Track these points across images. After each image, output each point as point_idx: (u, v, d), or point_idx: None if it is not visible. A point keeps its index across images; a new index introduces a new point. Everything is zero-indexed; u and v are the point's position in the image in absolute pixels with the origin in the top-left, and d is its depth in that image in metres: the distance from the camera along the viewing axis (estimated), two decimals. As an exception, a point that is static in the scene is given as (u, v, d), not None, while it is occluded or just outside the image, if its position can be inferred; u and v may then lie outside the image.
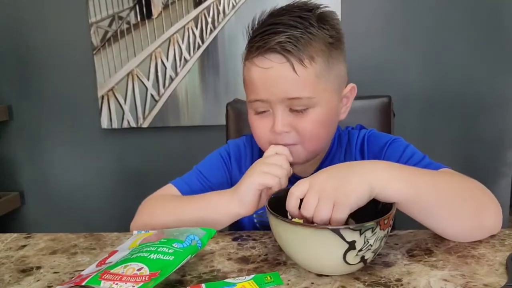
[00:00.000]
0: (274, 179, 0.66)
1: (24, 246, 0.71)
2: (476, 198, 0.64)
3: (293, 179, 0.81)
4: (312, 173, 0.81)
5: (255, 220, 0.83)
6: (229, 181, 0.86)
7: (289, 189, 0.65)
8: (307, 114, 0.72)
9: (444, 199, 0.61)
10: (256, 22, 0.75)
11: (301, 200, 0.58)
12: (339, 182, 0.56)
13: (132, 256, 0.56)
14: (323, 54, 0.71)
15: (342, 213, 0.55)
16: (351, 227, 0.51)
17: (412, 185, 0.59)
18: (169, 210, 0.75)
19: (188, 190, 0.81)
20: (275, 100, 0.71)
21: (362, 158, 0.81)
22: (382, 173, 0.58)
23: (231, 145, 0.90)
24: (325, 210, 0.55)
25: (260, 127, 0.75)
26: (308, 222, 0.57)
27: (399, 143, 0.79)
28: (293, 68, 0.68)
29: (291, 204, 0.58)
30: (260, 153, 0.86)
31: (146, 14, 1.72)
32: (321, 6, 0.74)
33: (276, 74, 0.69)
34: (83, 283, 0.52)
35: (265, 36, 0.69)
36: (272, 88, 0.70)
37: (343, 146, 0.84)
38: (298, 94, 0.70)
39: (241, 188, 0.67)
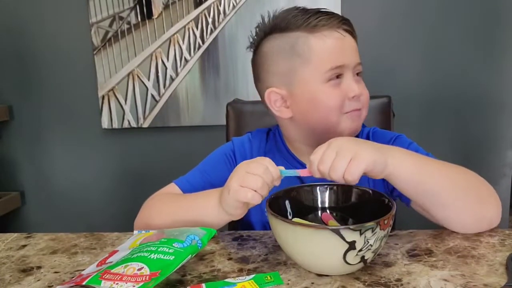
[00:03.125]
0: (254, 198, 0.61)
1: (24, 246, 0.72)
2: (479, 190, 0.68)
3: (303, 168, 0.83)
4: None
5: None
6: None
7: (289, 189, 0.66)
8: (362, 81, 0.80)
9: (450, 187, 0.65)
10: (282, 14, 0.79)
11: None
12: (359, 143, 0.62)
13: (133, 256, 0.56)
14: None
15: (358, 167, 0.58)
16: (351, 227, 0.51)
17: (423, 171, 0.65)
18: (165, 211, 0.75)
19: (191, 190, 0.81)
20: (350, 64, 0.77)
21: None
22: (399, 154, 0.64)
23: (235, 143, 0.89)
24: (341, 164, 0.58)
25: (335, 98, 0.77)
26: (324, 178, 0.60)
27: (403, 139, 0.84)
28: (356, 40, 0.80)
29: (313, 170, 0.61)
30: (265, 148, 0.87)
31: (147, 14, 1.72)
32: None
33: (350, 42, 0.78)
34: (84, 283, 0.53)
35: (325, 15, 0.77)
36: (349, 53, 0.78)
37: None
38: (360, 60, 0.79)
39: (224, 200, 0.65)
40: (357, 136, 0.85)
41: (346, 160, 0.58)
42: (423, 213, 0.72)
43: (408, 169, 0.64)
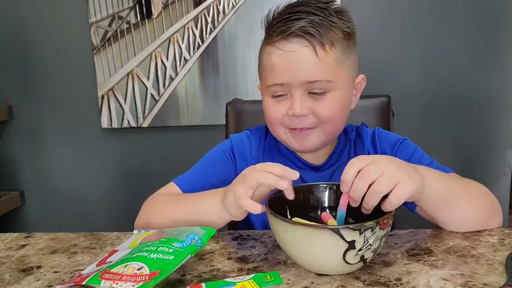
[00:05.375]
0: (256, 209, 0.61)
1: (24, 245, 0.71)
2: (491, 205, 0.71)
3: (305, 166, 0.83)
4: (324, 163, 0.83)
5: None
6: (234, 177, 0.85)
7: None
8: (325, 98, 0.74)
9: (468, 204, 0.68)
10: (273, 14, 0.77)
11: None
12: (403, 167, 0.59)
13: (132, 256, 0.56)
14: (342, 41, 0.74)
15: (406, 192, 0.56)
16: (350, 226, 0.51)
17: (447, 191, 0.66)
18: (165, 210, 0.75)
19: (190, 189, 0.81)
20: (295, 83, 0.72)
21: (375, 152, 0.84)
22: (431, 178, 0.63)
23: (233, 140, 0.89)
24: (387, 184, 0.55)
25: (276, 110, 0.76)
26: (357, 196, 0.57)
27: (408, 144, 0.84)
28: (315, 51, 0.71)
29: (349, 174, 0.57)
30: (264, 145, 0.87)
31: (146, 13, 1.72)
32: (335, 1, 0.77)
33: (298, 57, 0.71)
34: (83, 283, 0.53)
35: (288, 21, 0.71)
36: (293, 71, 0.72)
37: (352, 140, 0.86)
38: (318, 77, 0.72)
39: (227, 201, 0.66)
40: (361, 137, 0.86)
41: (393, 182, 0.56)
42: (428, 218, 0.72)
43: (437, 192, 0.64)
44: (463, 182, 0.71)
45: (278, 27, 0.72)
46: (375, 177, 0.56)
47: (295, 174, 0.61)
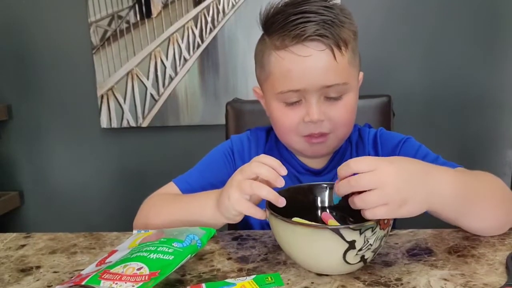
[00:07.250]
0: (250, 210, 0.60)
1: (23, 245, 0.71)
2: (509, 201, 0.66)
3: (305, 171, 0.82)
4: (324, 167, 0.81)
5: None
6: None
7: (288, 188, 0.65)
8: (341, 101, 0.72)
9: (483, 203, 0.63)
10: (270, 13, 0.74)
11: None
12: (407, 186, 0.54)
13: (132, 256, 0.56)
14: (351, 41, 0.72)
15: (387, 215, 0.53)
16: (351, 226, 0.51)
17: (462, 193, 0.60)
18: (163, 211, 0.75)
19: (189, 189, 0.80)
20: (311, 89, 0.70)
21: (376, 155, 0.83)
22: (446, 188, 0.58)
23: (234, 141, 0.88)
24: (372, 202, 0.53)
25: (290, 118, 0.73)
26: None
27: (412, 142, 0.82)
28: (333, 54, 0.69)
29: (341, 173, 0.55)
30: (265, 147, 0.86)
31: (146, 13, 1.72)
32: None
33: (315, 62, 0.69)
34: (83, 283, 0.52)
35: (300, 24, 0.68)
36: (310, 76, 0.69)
37: (353, 142, 0.84)
38: (335, 81, 0.70)
39: (223, 206, 0.64)
40: (362, 140, 0.84)
41: (380, 202, 0.52)
42: (440, 217, 0.67)
43: (449, 198, 0.59)
44: (476, 181, 0.66)
45: (289, 30, 0.68)
46: (363, 188, 0.53)
47: (280, 181, 0.60)
